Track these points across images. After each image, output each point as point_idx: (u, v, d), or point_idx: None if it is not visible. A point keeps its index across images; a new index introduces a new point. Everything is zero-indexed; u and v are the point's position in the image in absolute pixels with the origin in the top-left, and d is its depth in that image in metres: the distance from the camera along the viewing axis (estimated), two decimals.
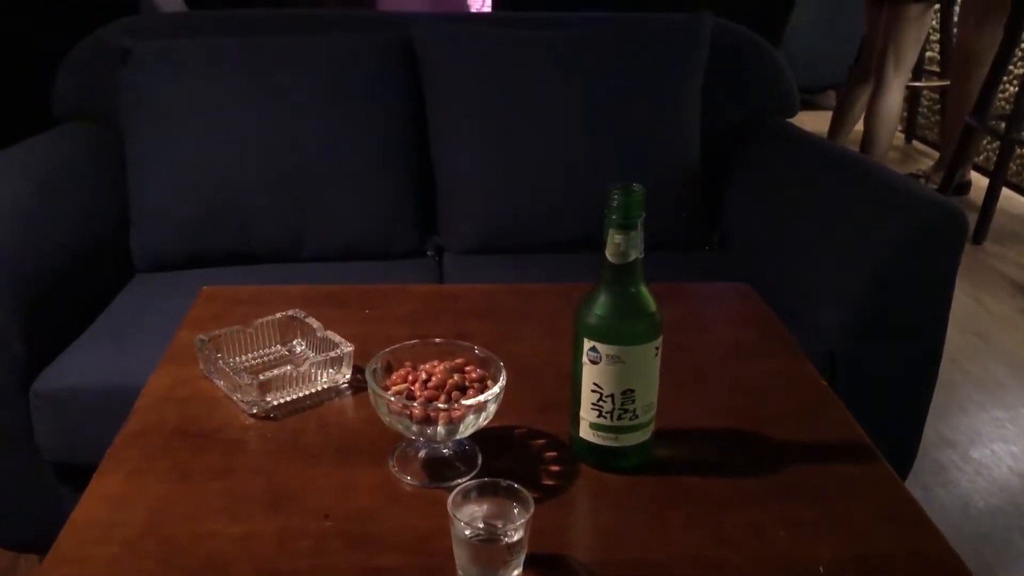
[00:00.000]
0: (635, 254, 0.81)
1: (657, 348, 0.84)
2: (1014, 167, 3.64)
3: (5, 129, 1.78)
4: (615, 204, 0.80)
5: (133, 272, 1.71)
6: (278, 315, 1.07)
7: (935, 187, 3.45)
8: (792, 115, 2.03)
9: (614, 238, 0.80)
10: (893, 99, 3.35)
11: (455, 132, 1.79)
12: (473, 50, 1.81)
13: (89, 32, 1.89)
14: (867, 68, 3.51)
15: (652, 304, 0.83)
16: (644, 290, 0.83)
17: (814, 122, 4.19)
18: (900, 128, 4.47)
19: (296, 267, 1.71)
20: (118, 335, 1.43)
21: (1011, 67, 3.55)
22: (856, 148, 3.86)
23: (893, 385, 1.49)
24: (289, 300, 1.14)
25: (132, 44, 1.72)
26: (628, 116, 1.79)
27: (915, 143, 4.38)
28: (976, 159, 3.75)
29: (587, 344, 0.83)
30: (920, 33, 3.29)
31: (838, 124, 3.63)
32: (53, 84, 1.86)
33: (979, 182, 3.55)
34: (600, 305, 0.82)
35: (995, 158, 3.27)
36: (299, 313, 1.07)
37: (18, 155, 1.61)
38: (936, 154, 4.07)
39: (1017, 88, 3.43)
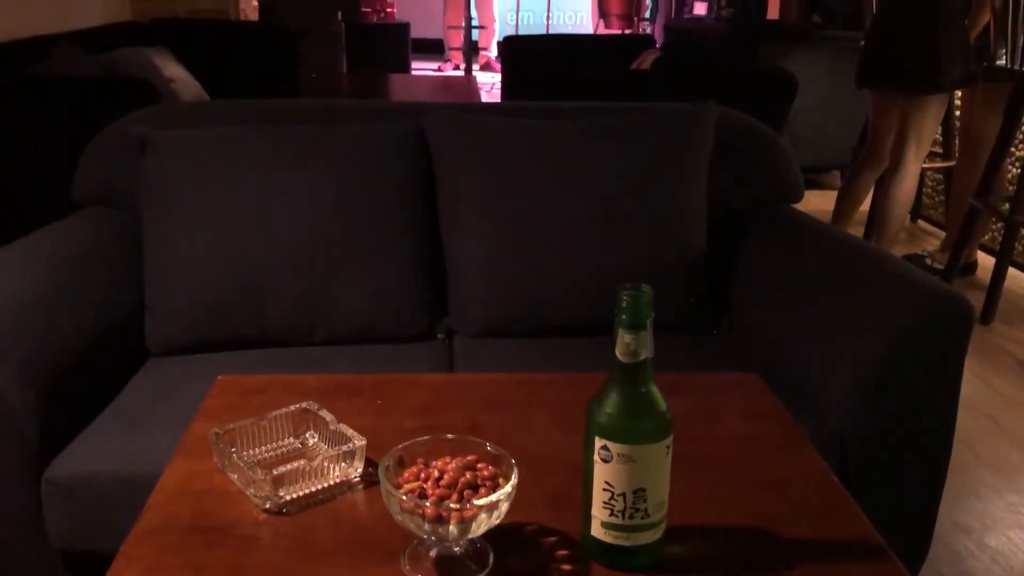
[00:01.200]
0: (645, 353, 0.82)
1: (668, 447, 0.84)
2: (1020, 247, 3.67)
3: (27, 215, 1.82)
4: (625, 305, 0.81)
5: (146, 356, 1.73)
6: (292, 407, 1.08)
7: (941, 267, 3.47)
8: (798, 201, 2.06)
9: (624, 338, 0.82)
10: (910, 184, 3.40)
11: (465, 218, 1.82)
12: (483, 139, 1.86)
13: (112, 121, 1.95)
14: (872, 152, 3.56)
15: (662, 403, 0.84)
16: (654, 389, 0.84)
17: (819, 202, 4.26)
18: None
19: (308, 351, 1.73)
20: (131, 422, 1.44)
21: (1013, 149, 3.60)
22: (861, 228, 3.91)
23: (905, 471, 1.48)
24: (302, 391, 1.15)
25: (152, 133, 1.77)
26: (635, 203, 1.82)
27: (920, 222, 4.42)
28: (982, 239, 3.77)
29: (599, 443, 0.84)
30: (939, 120, 3.37)
31: (843, 205, 3.67)
32: (75, 171, 1.91)
33: (986, 262, 3.57)
34: (611, 404, 0.83)
35: (1000, 239, 3.30)
36: (312, 405, 1.08)
37: (36, 242, 1.65)
38: (941, 233, 4.11)
39: (1020, 170, 3.48)
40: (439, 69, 7.57)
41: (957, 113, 4.02)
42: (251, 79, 4.11)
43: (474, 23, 6.39)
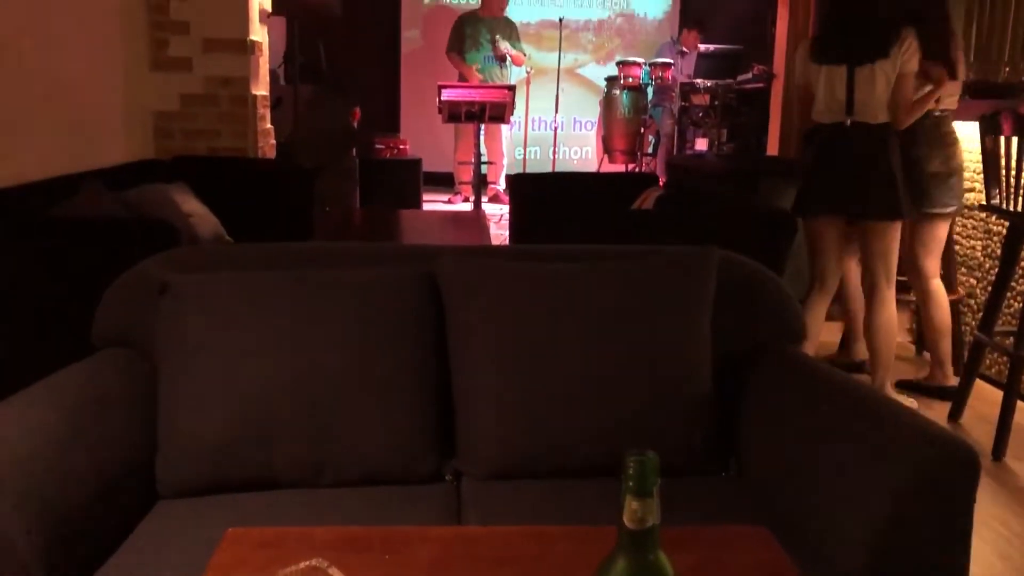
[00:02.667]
0: (652, 520, 0.84)
1: None
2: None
3: (46, 356, 1.86)
4: (631, 472, 0.83)
5: (155, 498, 1.73)
6: (302, 565, 1.08)
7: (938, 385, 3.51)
8: (800, 343, 2.10)
9: (631, 505, 0.84)
10: (890, 311, 3.46)
11: (475, 362, 1.86)
12: (492, 283, 1.91)
13: (131, 262, 2.01)
14: (820, 281, 3.63)
15: (670, 571, 0.85)
16: (662, 556, 0.85)
17: (826, 332, 4.29)
18: (911, 340, 4.55)
19: (317, 494, 1.73)
20: (141, 569, 1.44)
21: (1013, 284, 3.66)
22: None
23: None
24: (312, 544, 1.16)
25: (172, 277, 1.84)
26: (641, 345, 1.86)
27: (926, 354, 4.43)
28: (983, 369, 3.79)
29: None
30: (897, 243, 3.43)
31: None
32: (95, 313, 1.96)
33: (993, 396, 3.57)
34: (618, 572, 0.84)
35: (1007, 371, 3.31)
36: (322, 563, 1.09)
37: (50, 386, 1.68)
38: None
39: (1022, 304, 3.53)
40: (449, 201, 7.79)
41: (957, 247, 4.11)
42: (267, 213, 4.23)
43: (484, 158, 6.61)
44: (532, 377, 1.82)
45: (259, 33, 4.76)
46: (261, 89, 4.82)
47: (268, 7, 4.84)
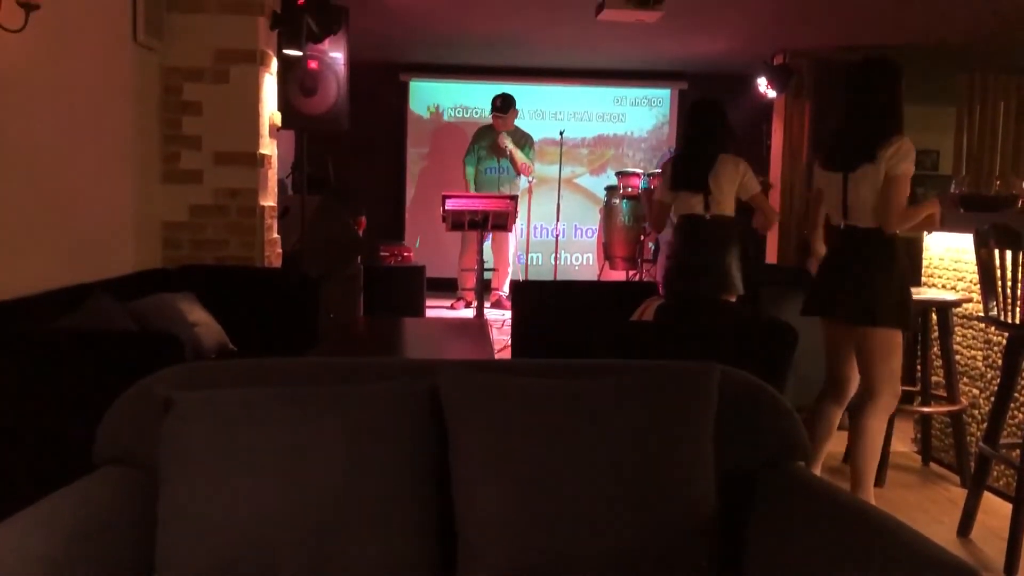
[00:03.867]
0: None
1: None
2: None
3: (44, 475, 1.86)
4: None
5: None
6: None
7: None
8: (804, 459, 2.09)
9: None
10: (871, 423, 3.44)
11: (475, 480, 1.85)
12: (495, 399, 1.92)
13: (135, 376, 2.03)
14: (830, 384, 3.66)
15: None
16: None
17: (831, 442, 4.26)
18: (916, 450, 4.51)
19: None
20: None
21: (1016, 394, 3.65)
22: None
23: None
24: None
25: (176, 395, 1.85)
26: (644, 465, 1.85)
27: (932, 465, 4.39)
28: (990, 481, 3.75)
29: None
30: (892, 353, 3.42)
31: (814, 443, 3.64)
32: (96, 431, 1.97)
33: (1003, 509, 3.52)
34: None
35: (1015, 484, 3.27)
36: None
37: (47, 508, 1.66)
38: (955, 477, 4.09)
39: None
40: (452, 306, 7.84)
41: (958, 357, 4.12)
42: (272, 322, 4.27)
43: (488, 264, 6.71)
44: (534, 496, 1.81)
45: (268, 146, 4.91)
46: (269, 200, 4.93)
47: (278, 122, 5.01)
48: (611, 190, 8.09)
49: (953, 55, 7.43)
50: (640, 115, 9.61)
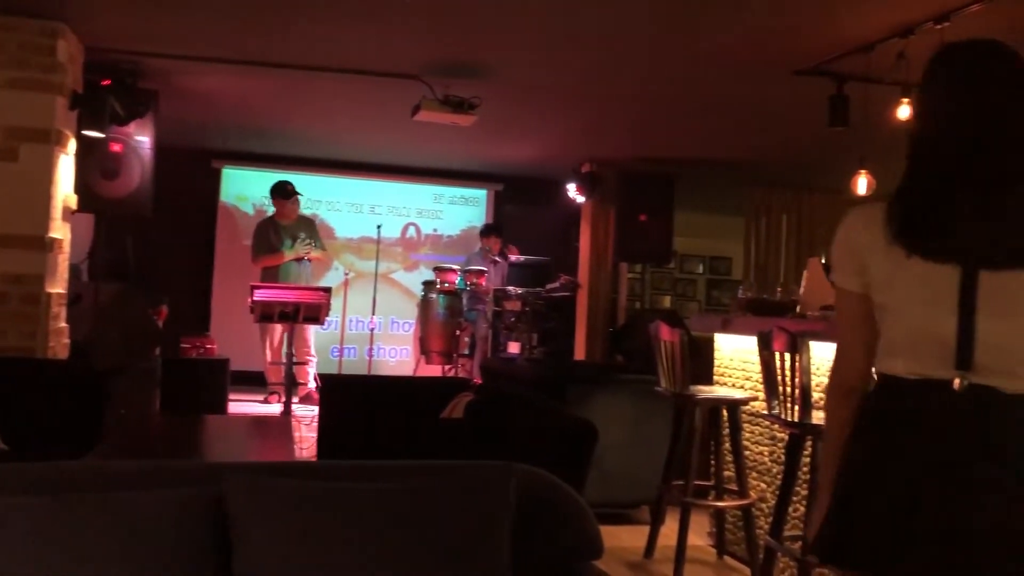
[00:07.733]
0: None
1: None
2: None
3: None
4: None
5: None
6: None
7: None
8: (598, 557, 2.12)
9: None
10: None
11: None
12: (286, 505, 1.83)
13: None
14: None
15: None
16: None
17: (631, 538, 4.38)
18: (711, 543, 4.69)
19: None
20: None
21: (798, 488, 3.89)
22: None
23: None
24: None
25: None
26: (438, 570, 1.81)
27: (726, 558, 4.57)
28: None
29: None
30: None
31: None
32: None
33: None
34: None
35: None
36: None
37: None
38: (746, 569, 4.26)
39: (805, 509, 3.73)
40: (266, 400, 7.42)
41: (747, 452, 4.36)
42: (53, 419, 3.93)
43: (295, 359, 6.51)
44: None
45: (60, 230, 4.62)
46: (58, 286, 4.61)
47: (73, 205, 4.73)
48: (428, 284, 8.15)
49: (743, 169, 8.15)
50: (456, 213, 9.81)
